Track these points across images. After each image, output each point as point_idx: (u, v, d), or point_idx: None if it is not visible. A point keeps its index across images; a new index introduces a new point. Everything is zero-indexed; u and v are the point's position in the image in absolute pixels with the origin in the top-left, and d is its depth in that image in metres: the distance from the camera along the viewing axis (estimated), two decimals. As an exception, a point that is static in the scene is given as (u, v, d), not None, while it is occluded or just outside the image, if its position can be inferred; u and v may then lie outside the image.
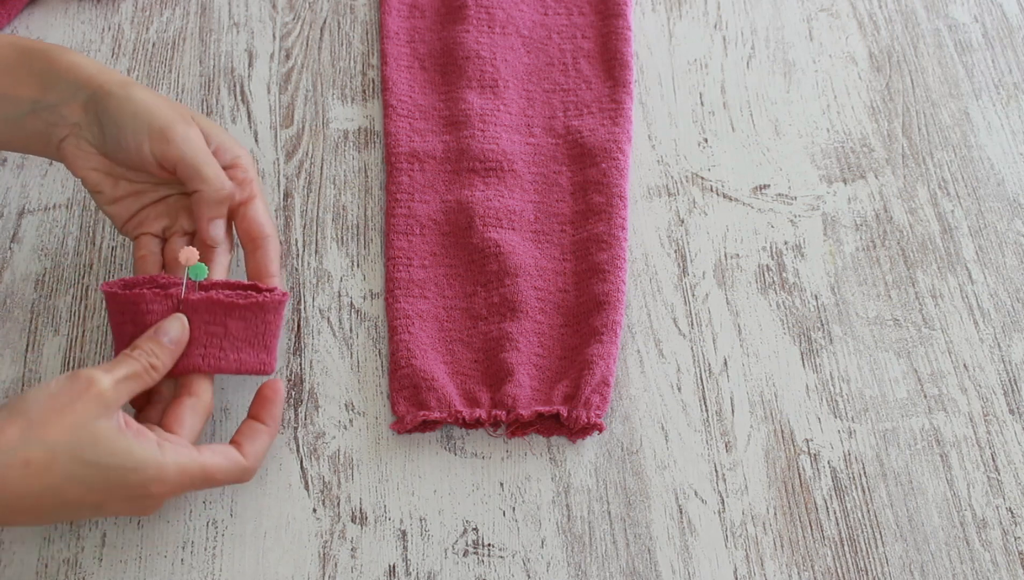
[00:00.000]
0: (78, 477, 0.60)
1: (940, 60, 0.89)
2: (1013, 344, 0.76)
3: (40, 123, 0.70)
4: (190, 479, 0.63)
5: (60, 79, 0.69)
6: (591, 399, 0.71)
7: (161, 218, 0.73)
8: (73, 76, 0.69)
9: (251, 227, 0.72)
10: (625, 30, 0.89)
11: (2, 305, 0.77)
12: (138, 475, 0.61)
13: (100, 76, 0.70)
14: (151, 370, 0.64)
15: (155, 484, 0.61)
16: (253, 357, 0.68)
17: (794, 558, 0.68)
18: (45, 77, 0.70)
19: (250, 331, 0.68)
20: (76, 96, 0.69)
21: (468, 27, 0.88)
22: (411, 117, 0.85)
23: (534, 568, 0.68)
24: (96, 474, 0.60)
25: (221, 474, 0.64)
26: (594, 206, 0.80)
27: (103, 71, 0.70)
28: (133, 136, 0.68)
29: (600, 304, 0.75)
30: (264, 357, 0.69)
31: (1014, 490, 0.70)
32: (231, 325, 0.67)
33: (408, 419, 0.71)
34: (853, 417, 0.73)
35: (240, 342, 0.68)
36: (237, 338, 0.68)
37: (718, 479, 0.71)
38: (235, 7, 0.92)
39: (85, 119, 0.69)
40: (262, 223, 0.72)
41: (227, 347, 0.67)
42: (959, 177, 0.83)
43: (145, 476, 0.61)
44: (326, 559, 0.68)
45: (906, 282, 0.78)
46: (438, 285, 0.77)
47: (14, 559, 0.68)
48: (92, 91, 0.69)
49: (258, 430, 0.67)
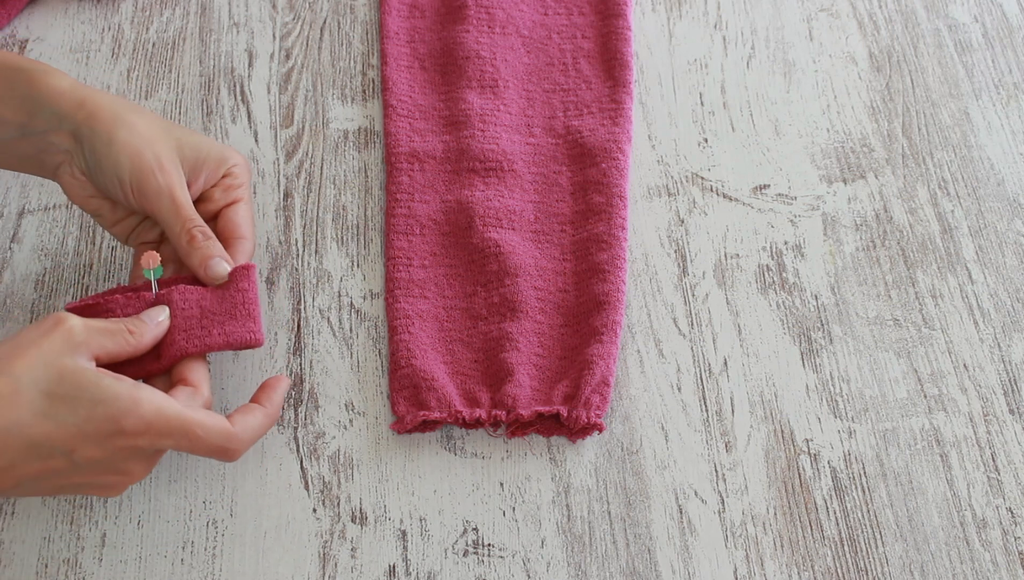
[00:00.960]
0: (44, 411, 0.57)
1: (940, 60, 0.89)
2: (1013, 344, 0.76)
3: (31, 148, 0.70)
4: (166, 422, 0.59)
5: (43, 106, 0.68)
6: (591, 399, 0.71)
7: (156, 227, 0.73)
8: (56, 104, 0.68)
9: (227, 227, 0.72)
10: (625, 30, 0.89)
11: (2, 305, 0.77)
12: (108, 407, 0.58)
13: (85, 106, 0.68)
14: (128, 333, 0.63)
15: (128, 418, 0.58)
16: (239, 327, 0.68)
17: (794, 558, 0.68)
18: (28, 102, 0.69)
19: (227, 303, 0.68)
20: (62, 125, 0.68)
21: (468, 27, 0.88)
22: (411, 117, 0.85)
23: (534, 568, 0.68)
24: (64, 407, 0.57)
25: (203, 431, 0.60)
26: (594, 206, 0.80)
27: (87, 99, 0.69)
28: (116, 182, 0.68)
29: (600, 304, 0.75)
30: (251, 325, 0.68)
31: (1014, 490, 0.70)
32: (205, 304, 0.68)
33: (408, 419, 0.71)
34: (853, 417, 0.73)
35: (220, 316, 0.68)
36: (216, 313, 0.68)
37: (718, 479, 0.71)
38: (235, 7, 0.92)
39: (76, 148, 0.69)
40: (239, 224, 0.72)
41: (208, 325, 0.68)
42: (959, 177, 0.83)
43: (116, 408, 0.58)
44: (326, 559, 0.68)
45: (906, 282, 0.78)
46: (438, 285, 0.77)
47: (14, 559, 0.68)
48: (78, 124, 0.68)
49: (252, 408, 0.65)
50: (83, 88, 0.70)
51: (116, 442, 0.59)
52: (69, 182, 0.70)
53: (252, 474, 0.70)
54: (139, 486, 0.70)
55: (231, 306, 0.68)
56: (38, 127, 0.69)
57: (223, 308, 0.68)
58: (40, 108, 0.68)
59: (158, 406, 0.59)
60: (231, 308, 0.68)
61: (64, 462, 0.58)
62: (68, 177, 0.70)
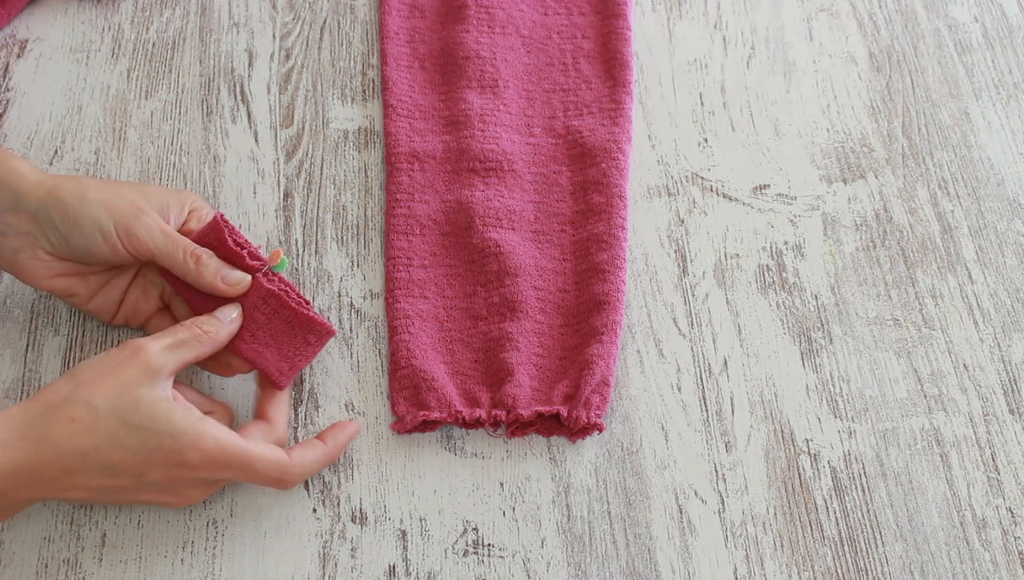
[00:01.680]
0: (119, 438, 0.62)
1: (940, 60, 0.89)
2: (1013, 344, 0.76)
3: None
4: (226, 456, 0.64)
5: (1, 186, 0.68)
6: (591, 399, 0.71)
7: (150, 292, 0.73)
8: (14, 184, 0.68)
9: None
10: (625, 30, 0.89)
11: (2, 305, 0.77)
12: (175, 441, 0.62)
13: (43, 184, 0.68)
14: (203, 337, 0.66)
15: (191, 452, 0.63)
16: (272, 360, 0.69)
17: (794, 558, 0.68)
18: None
19: (287, 337, 0.70)
20: (20, 205, 0.68)
21: (468, 27, 0.88)
22: (411, 117, 0.85)
23: (534, 568, 0.68)
24: (135, 436, 0.62)
25: (261, 464, 0.65)
26: (594, 206, 0.80)
27: (44, 179, 0.68)
28: (102, 239, 0.67)
29: (600, 304, 0.75)
30: (283, 366, 0.70)
31: (1014, 490, 0.70)
32: (275, 322, 0.69)
33: (408, 419, 0.71)
34: (853, 417, 0.73)
35: (271, 340, 0.69)
36: (271, 336, 0.69)
37: (718, 479, 0.71)
38: (235, 7, 0.92)
39: (38, 228, 0.68)
40: None
41: (258, 337, 0.69)
42: (959, 177, 0.83)
43: (181, 443, 0.62)
44: (326, 559, 0.68)
45: (906, 282, 0.78)
46: (438, 285, 0.77)
47: (14, 559, 0.68)
48: (39, 201, 0.67)
49: (313, 443, 0.68)
50: (42, 172, 0.70)
51: (179, 472, 0.64)
52: (31, 265, 0.69)
53: (252, 474, 0.70)
54: (139, 486, 0.70)
55: (286, 343, 0.70)
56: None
57: (280, 337, 0.70)
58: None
59: (219, 441, 0.64)
60: (284, 343, 0.70)
61: (132, 482, 0.64)
62: (30, 261, 0.69)
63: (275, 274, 0.70)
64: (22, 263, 0.69)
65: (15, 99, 0.86)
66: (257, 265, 0.70)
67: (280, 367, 0.70)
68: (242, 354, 0.69)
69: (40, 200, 0.67)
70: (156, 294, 0.73)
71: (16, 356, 0.75)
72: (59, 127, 0.85)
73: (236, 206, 0.81)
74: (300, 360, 0.70)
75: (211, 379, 0.74)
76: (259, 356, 0.69)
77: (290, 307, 0.69)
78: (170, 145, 0.84)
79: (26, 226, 0.68)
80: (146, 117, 0.85)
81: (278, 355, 0.69)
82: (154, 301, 0.73)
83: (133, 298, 0.73)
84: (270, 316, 0.69)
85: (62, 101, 0.86)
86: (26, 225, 0.68)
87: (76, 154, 0.83)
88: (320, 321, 0.70)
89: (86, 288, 0.71)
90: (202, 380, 0.74)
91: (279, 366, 0.69)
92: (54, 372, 0.74)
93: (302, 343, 0.70)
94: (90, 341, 0.75)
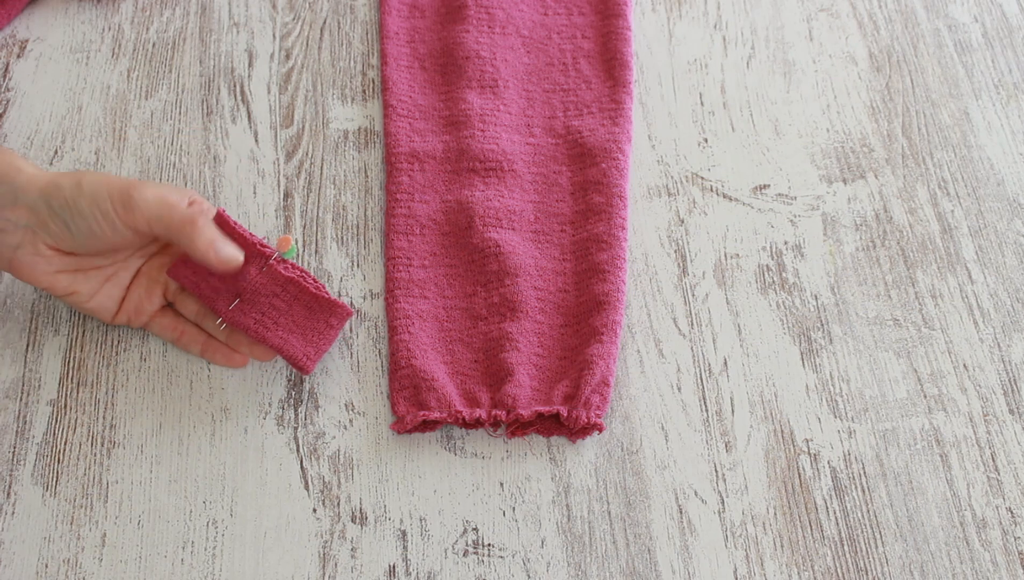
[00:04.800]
0: None
1: (940, 60, 0.89)
2: (1013, 344, 0.76)
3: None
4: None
5: None
6: (591, 399, 0.71)
7: (153, 290, 0.73)
8: (10, 180, 0.68)
9: None
10: (625, 30, 0.89)
11: (2, 305, 0.77)
12: None
13: (39, 179, 0.68)
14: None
15: None
16: (299, 346, 0.71)
17: (794, 558, 0.68)
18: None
19: (309, 322, 0.71)
20: (19, 199, 0.68)
21: (468, 27, 0.88)
22: (411, 117, 0.85)
23: (534, 568, 0.68)
24: None
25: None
26: (594, 206, 0.80)
27: (40, 174, 0.68)
28: (101, 216, 0.67)
29: (600, 304, 0.75)
30: (309, 351, 0.71)
31: (1014, 490, 0.70)
32: (296, 308, 0.71)
33: (408, 419, 0.71)
34: (853, 417, 0.73)
35: (294, 326, 0.71)
36: (294, 322, 0.71)
37: (718, 479, 0.71)
38: (235, 7, 0.92)
39: (38, 220, 0.68)
40: None
41: (281, 324, 0.71)
42: (959, 177, 0.83)
43: None
44: (326, 559, 0.68)
45: (906, 282, 0.78)
46: (438, 285, 0.77)
47: (14, 559, 0.68)
48: (37, 192, 0.67)
49: None
50: (40, 169, 0.69)
51: None
52: (32, 262, 0.69)
53: (252, 474, 0.70)
54: (139, 486, 0.70)
55: (309, 327, 0.71)
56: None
57: (302, 322, 0.71)
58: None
59: None
60: (307, 328, 0.71)
61: None
62: (31, 257, 0.69)
63: (287, 261, 0.72)
64: (22, 260, 0.69)
65: (15, 99, 0.86)
66: (269, 251, 0.71)
67: (307, 352, 0.71)
68: (269, 342, 0.71)
69: (38, 190, 0.67)
70: (159, 292, 0.73)
71: (16, 356, 0.75)
72: (59, 127, 0.85)
73: (236, 206, 0.81)
74: (324, 343, 0.72)
75: (212, 379, 0.74)
76: (285, 343, 0.71)
77: (309, 292, 0.71)
78: (170, 145, 0.84)
79: (25, 220, 0.68)
80: (146, 117, 0.85)
81: (303, 340, 0.71)
82: (157, 299, 0.73)
83: (136, 296, 0.73)
84: (290, 302, 0.71)
85: (62, 101, 0.86)
86: (25, 219, 0.68)
87: (76, 154, 0.83)
88: (339, 303, 0.72)
89: (87, 285, 0.71)
90: (208, 379, 0.74)
91: (305, 351, 0.71)
92: (54, 372, 0.74)
93: (324, 326, 0.72)
94: (90, 341, 0.75)
